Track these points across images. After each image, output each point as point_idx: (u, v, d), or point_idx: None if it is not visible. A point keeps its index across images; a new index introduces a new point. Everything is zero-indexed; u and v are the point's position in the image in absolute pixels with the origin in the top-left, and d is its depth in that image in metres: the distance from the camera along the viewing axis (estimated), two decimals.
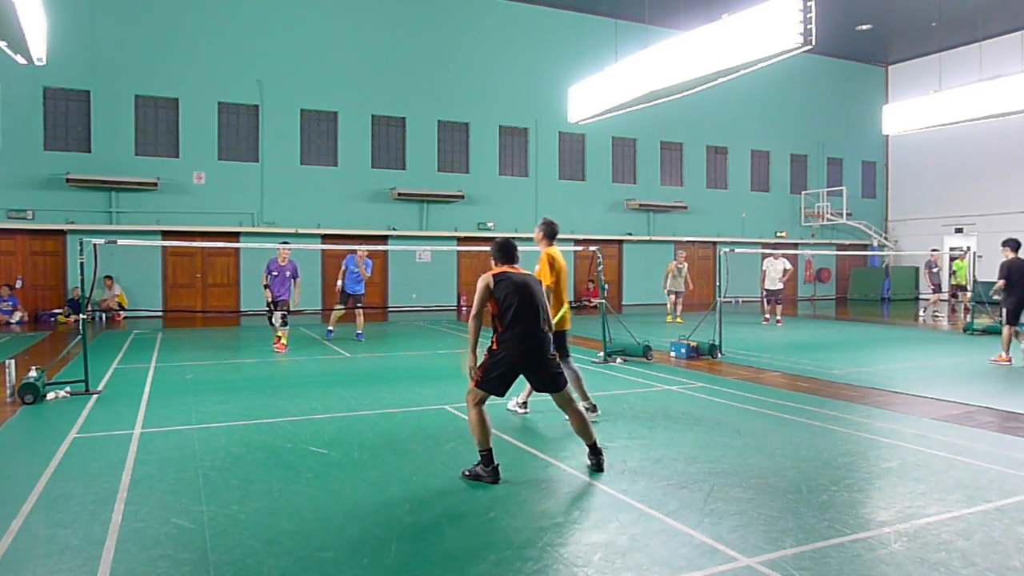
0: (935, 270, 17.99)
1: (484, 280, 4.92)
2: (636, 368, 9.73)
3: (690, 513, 4.14)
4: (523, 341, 4.84)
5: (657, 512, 4.15)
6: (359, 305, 13.21)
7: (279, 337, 11.74)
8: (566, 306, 6.54)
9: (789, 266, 16.50)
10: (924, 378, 8.95)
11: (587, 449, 5.05)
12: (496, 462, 4.76)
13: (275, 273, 11.67)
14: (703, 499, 4.38)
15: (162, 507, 4.24)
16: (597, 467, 4.96)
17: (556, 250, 6.61)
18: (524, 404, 6.82)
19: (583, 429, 5.02)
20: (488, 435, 4.77)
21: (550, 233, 6.65)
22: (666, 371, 9.49)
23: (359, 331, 13.20)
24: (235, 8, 19.48)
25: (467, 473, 4.81)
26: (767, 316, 16.80)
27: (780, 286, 16.28)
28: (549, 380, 4.95)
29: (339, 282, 13.17)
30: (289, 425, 6.36)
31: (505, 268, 5.06)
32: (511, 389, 5.02)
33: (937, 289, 18.06)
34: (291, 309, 11.85)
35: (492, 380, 4.83)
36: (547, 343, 4.95)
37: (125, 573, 3.38)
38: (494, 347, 4.87)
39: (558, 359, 5.04)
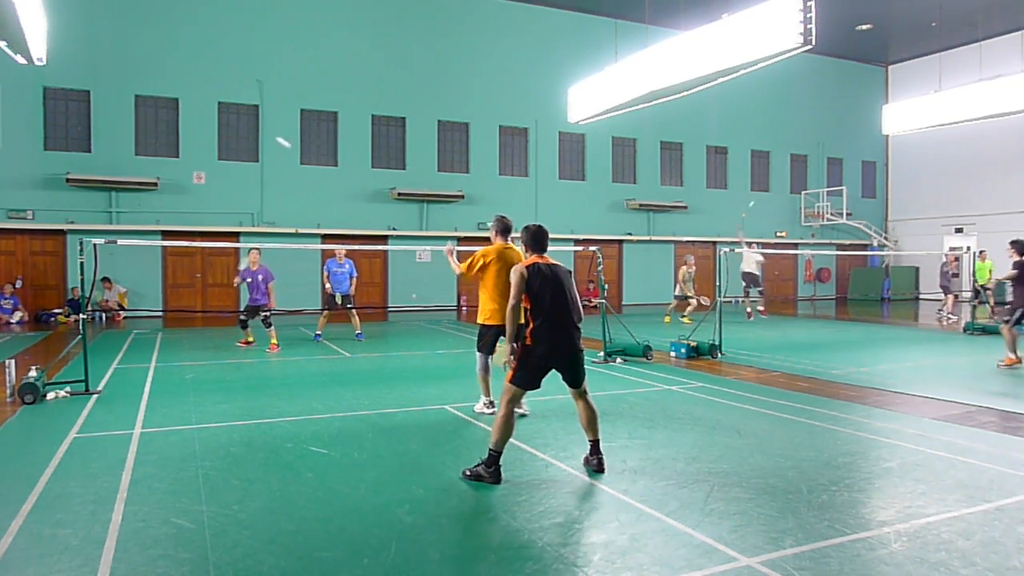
0: (947, 270, 17.85)
1: (519, 271, 4.82)
2: (636, 368, 9.73)
3: (690, 513, 4.14)
4: (557, 335, 4.79)
5: (657, 512, 4.15)
6: (349, 306, 13.01)
7: (247, 340, 11.97)
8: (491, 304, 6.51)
9: (761, 258, 16.80)
10: (924, 378, 8.95)
11: (588, 447, 5.03)
12: (501, 463, 4.73)
13: (248, 280, 11.77)
14: (703, 499, 4.38)
15: (162, 507, 4.24)
16: (598, 467, 4.94)
17: (500, 247, 6.62)
18: (492, 404, 6.77)
19: (591, 424, 4.99)
20: (508, 438, 4.74)
21: (503, 229, 6.72)
22: (666, 371, 9.48)
23: (358, 331, 13.13)
24: (235, 8, 19.49)
25: (468, 473, 4.78)
26: (749, 310, 16.91)
27: (759, 272, 16.57)
28: (577, 374, 4.91)
29: (327, 285, 12.91)
30: (289, 425, 6.36)
31: (536, 259, 4.97)
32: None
33: (945, 290, 17.91)
34: (272, 310, 11.94)
35: (527, 375, 4.79)
36: (579, 337, 4.92)
37: (125, 573, 3.38)
38: (528, 342, 4.77)
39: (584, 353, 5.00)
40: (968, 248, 20.28)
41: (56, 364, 9.98)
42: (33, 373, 7.40)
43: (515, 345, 4.85)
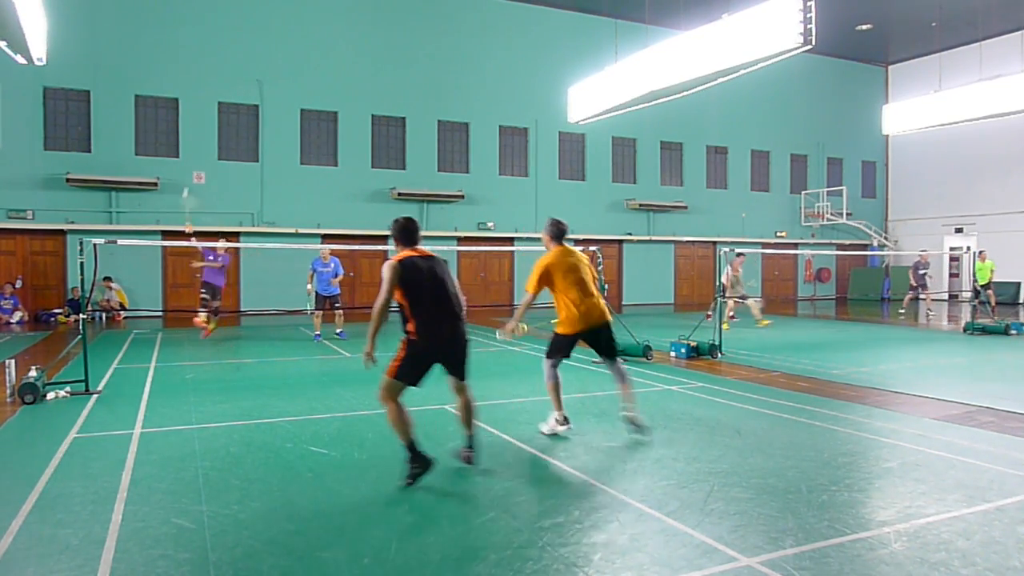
0: (922, 271, 18.00)
1: (391, 268, 4.59)
2: (636, 368, 9.72)
3: (690, 513, 4.13)
4: (442, 328, 4.72)
5: (657, 512, 4.15)
6: (336, 306, 13.22)
7: (206, 325, 13.01)
8: (570, 309, 5.83)
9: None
10: (924, 378, 8.95)
11: (465, 440, 5.02)
12: (421, 450, 4.63)
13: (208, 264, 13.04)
14: (703, 499, 4.37)
15: (162, 507, 4.24)
16: (468, 460, 4.96)
17: (559, 252, 6.06)
18: (566, 419, 6.01)
19: (469, 419, 5.02)
20: (410, 427, 4.64)
21: (557, 234, 6.19)
22: (666, 371, 9.48)
23: (339, 329, 13.24)
24: (235, 8, 19.49)
25: (409, 481, 4.60)
26: (733, 314, 16.95)
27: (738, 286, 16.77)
28: (462, 367, 4.87)
29: (308, 285, 13.09)
30: (289, 425, 6.36)
31: (409, 252, 4.77)
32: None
33: (922, 288, 18.04)
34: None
35: (411, 370, 4.70)
36: (464, 328, 4.85)
37: (125, 573, 3.38)
38: (413, 337, 4.65)
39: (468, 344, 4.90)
40: (968, 248, 20.27)
41: (56, 364, 9.98)
42: (33, 373, 7.40)
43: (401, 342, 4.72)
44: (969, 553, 3.57)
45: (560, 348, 5.95)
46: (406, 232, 4.88)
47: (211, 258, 12.51)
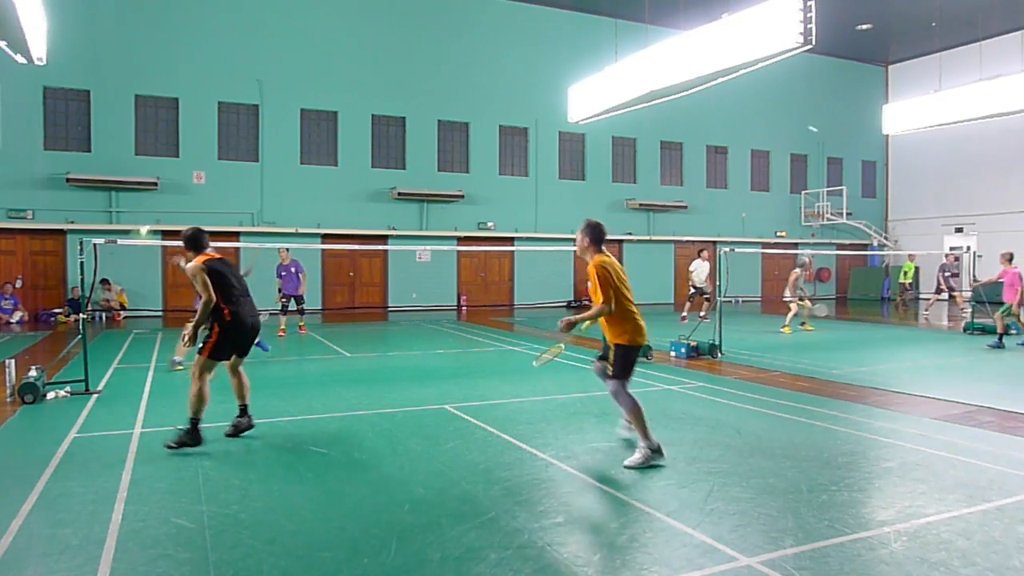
0: (947, 274, 17.87)
1: (200, 268, 5.57)
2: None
3: (690, 513, 4.14)
4: (249, 315, 5.77)
5: (657, 512, 4.15)
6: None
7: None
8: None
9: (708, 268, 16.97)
10: (924, 378, 8.95)
11: (239, 411, 5.90)
12: (200, 428, 5.49)
13: (283, 274, 14.10)
14: (703, 499, 4.37)
15: (162, 507, 4.24)
16: (247, 427, 5.88)
17: (608, 257, 5.50)
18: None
19: (245, 391, 5.94)
20: (205, 405, 5.53)
21: (597, 239, 5.54)
22: (666, 371, 9.48)
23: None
24: (235, 8, 19.49)
25: (173, 444, 5.41)
26: (686, 315, 16.84)
27: (706, 284, 16.67)
28: (249, 347, 5.89)
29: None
30: (289, 425, 6.36)
31: (205, 256, 5.74)
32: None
33: (948, 290, 17.90)
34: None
35: (225, 350, 5.68)
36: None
37: (125, 573, 3.38)
38: (227, 319, 5.57)
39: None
40: (968, 248, 20.25)
41: (56, 364, 9.97)
42: (33, 373, 7.40)
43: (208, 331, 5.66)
44: (969, 553, 3.57)
45: (631, 363, 5.40)
46: (197, 240, 5.87)
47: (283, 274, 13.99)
